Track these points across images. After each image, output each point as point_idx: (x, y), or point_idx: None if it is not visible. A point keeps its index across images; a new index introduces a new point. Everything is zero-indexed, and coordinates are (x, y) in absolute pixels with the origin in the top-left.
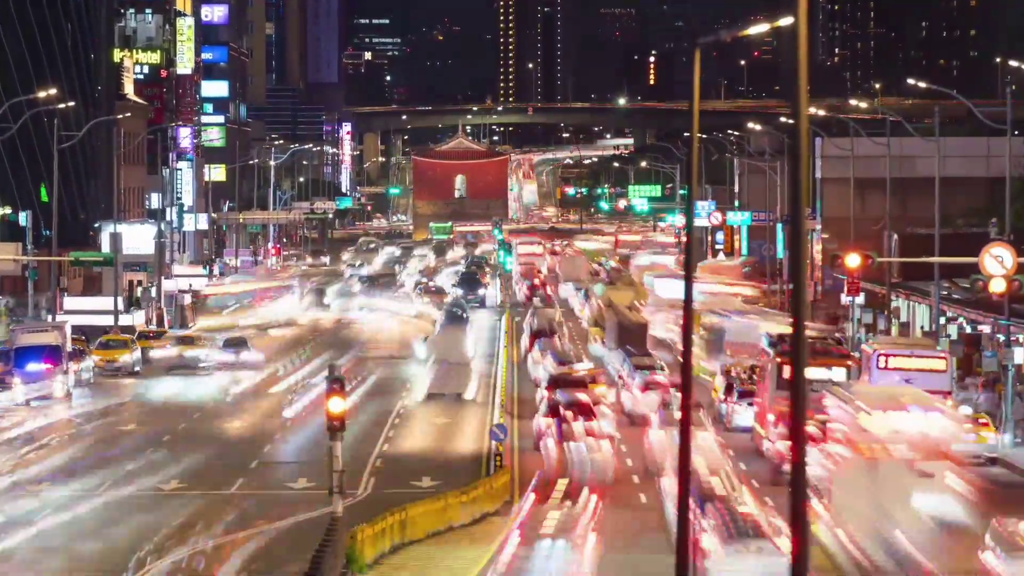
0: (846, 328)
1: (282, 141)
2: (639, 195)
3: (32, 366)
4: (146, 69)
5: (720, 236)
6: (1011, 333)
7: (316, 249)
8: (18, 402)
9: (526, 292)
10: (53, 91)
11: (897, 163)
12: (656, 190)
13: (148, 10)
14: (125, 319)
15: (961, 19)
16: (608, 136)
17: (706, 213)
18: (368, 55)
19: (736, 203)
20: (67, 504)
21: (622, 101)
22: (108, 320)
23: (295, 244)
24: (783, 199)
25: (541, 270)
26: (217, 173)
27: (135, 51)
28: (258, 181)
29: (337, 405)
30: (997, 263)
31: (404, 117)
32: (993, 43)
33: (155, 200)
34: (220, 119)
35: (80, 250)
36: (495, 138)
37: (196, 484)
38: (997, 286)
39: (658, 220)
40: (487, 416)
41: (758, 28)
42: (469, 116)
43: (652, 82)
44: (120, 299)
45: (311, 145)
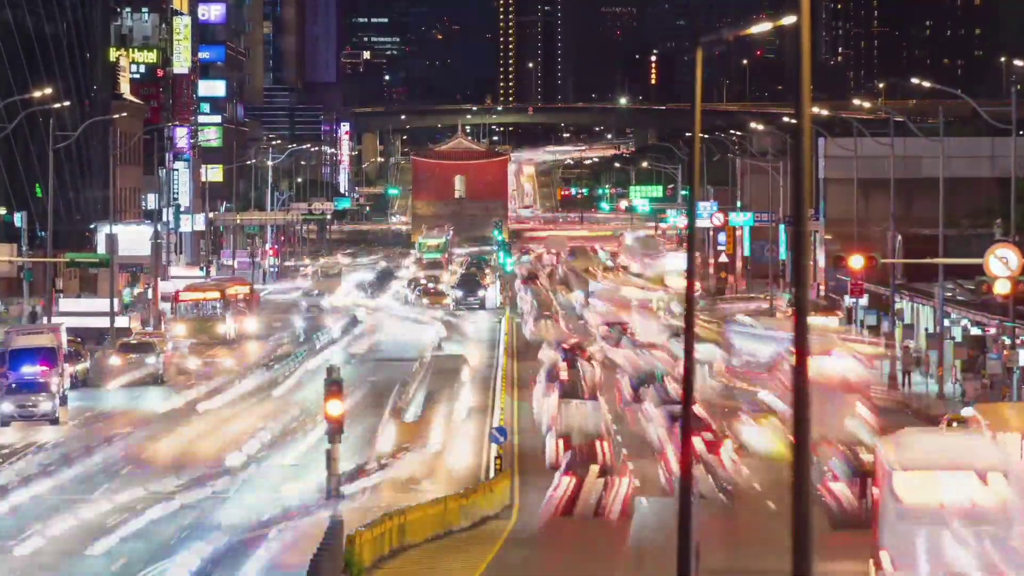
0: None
1: (280, 141)
2: (640, 196)
3: (27, 368)
4: (142, 68)
5: (722, 237)
6: (1016, 335)
7: (315, 250)
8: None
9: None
10: (48, 91)
11: (901, 163)
12: (658, 190)
13: (144, 9)
14: (121, 321)
15: (965, 18)
16: (609, 136)
17: (708, 214)
18: (367, 54)
19: (738, 204)
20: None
21: (623, 101)
22: (104, 322)
23: (295, 244)
24: (786, 200)
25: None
26: (214, 173)
27: (131, 50)
28: (255, 181)
29: (335, 408)
30: (1002, 264)
31: (403, 117)
32: (997, 42)
33: (151, 200)
34: (217, 119)
35: (76, 251)
36: (495, 138)
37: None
38: (1002, 288)
39: (659, 221)
40: (485, 420)
41: (760, 27)
42: (468, 116)
43: (653, 82)
44: (116, 301)
45: (309, 145)
